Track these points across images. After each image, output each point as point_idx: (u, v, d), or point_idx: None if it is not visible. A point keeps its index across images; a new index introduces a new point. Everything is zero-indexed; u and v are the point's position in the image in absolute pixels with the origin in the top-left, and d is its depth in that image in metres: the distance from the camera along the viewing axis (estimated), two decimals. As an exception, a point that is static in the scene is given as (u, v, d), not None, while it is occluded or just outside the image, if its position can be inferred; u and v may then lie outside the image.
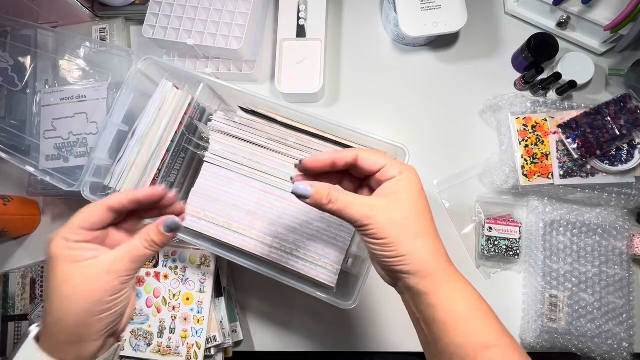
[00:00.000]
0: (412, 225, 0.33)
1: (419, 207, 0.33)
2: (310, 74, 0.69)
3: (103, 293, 0.31)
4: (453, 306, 0.32)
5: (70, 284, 0.31)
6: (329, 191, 0.34)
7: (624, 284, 0.61)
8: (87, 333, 0.31)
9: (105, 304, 0.31)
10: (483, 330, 0.32)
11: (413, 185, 0.34)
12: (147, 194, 0.35)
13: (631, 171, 0.60)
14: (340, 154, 0.35)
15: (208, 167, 0.54)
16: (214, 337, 0.59)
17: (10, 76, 0.69)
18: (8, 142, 0.70)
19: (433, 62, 0.73)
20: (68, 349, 0.31)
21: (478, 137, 0.69)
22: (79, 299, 0.31)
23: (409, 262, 0.32)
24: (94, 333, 0.32)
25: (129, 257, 0.33)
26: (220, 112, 0.55)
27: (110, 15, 0.74)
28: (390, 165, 0.34)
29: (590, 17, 0.64)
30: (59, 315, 0.31)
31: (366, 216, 0.33)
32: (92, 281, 0.31)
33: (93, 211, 0.34)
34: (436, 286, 0.32)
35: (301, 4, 0.72)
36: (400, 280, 0.34)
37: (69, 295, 0.31)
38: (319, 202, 0.34)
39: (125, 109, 0.55)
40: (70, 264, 0.31)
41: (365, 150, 0.35)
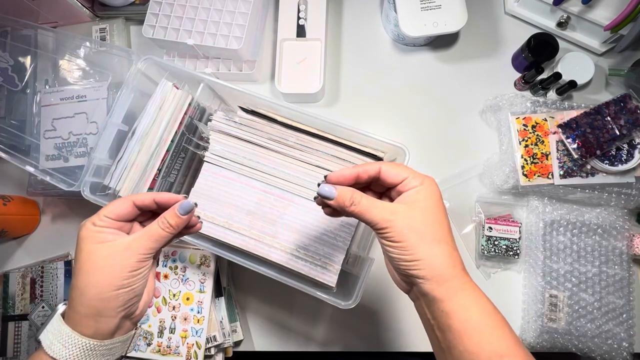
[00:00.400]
0: (430, 231, 0.34)
1: (437, 215, 0.35)
2: (310, 74, 0.69)
3: (121, 269, 0.35)
4: (467, 314, 0.33)
5: (93, 260, 0.34)
6: (352, 194, 0.36)
7: (624, 284, 0.61)
8: (105, 307, 0.34)
9: (122, 279, 0.35)
10: (497, 340, 0.32)
11: (433, 194, 0.35)
12: (167, 198, 0.38)
13: (631, 171, 0.60)
14: (364, 168, 0.37)
15: (208, 167, 0.54)
16: (214, 337, 0.59)
17: (10, 76, 0.69)
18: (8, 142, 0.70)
19: (433, 62, 0.73)
20: (87, 322, 0.34)
21: (478, 137, 0.69)
22: (100, 273, 0.34)
23: (424, 266, 0.33)
24: (111, 309, 0.35)
25: (147, 237, 0.36)
26: (220, 112, 0.55)
27: (110, 15, 0.74)
28: (412, 177, 0.36)
29: (590, 17, 0.64)
30: (81, 289, 0.34)
31: (386, 219, 0.34)
32: (112, 258, 0.35)
33: (120, 204, 0.37)
34: (451, 294, 0.33)
35: (301, 4, 0.72)
36: (415, 286, 0.35)
37: (91, 270, 0.34)
38: (342, 203, 0.36)
39: (125, 109, 0.55)
40: (95, 244, 0.35)
41: (388, 164, 0.37)
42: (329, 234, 0.52)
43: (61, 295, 0.64)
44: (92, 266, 0.34)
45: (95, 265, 0.34)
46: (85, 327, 0.34)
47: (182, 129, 0.56)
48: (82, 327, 0.34)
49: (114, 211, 0.37)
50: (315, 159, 0.53)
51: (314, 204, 0.52)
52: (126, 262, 0.35)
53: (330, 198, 0.36)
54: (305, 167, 0.53)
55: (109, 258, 0.35)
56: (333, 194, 0.36)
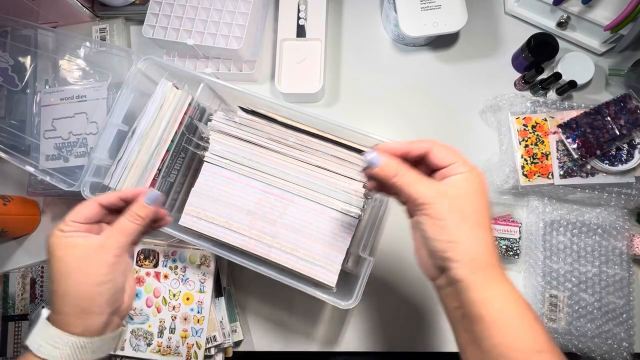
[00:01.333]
0: (473, 215, 0.33)
1: (482, 202, 0.33)
2: (310, 74, 0.69)
3: (99, 266, 0.35)
4: (503, 306, 0.31)
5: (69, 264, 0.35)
6: (398, 165, 0.34)
7: (624, 284, 0.61)
8: (91, 305, 0.34)
9: (102, 276, 0.35)
10: (534, 334, 0.31)
11: (479, 183, 0.34)
12: (133, 192, 0.39)
13: (631, 171, 0.60)
14: (416, 144, 0.36)
15: (208, 167, 0.54)
16: (214, 337, 0.59)
17: (10, 76, 0.69)
18: (8, 142, 0.70)
19: (433, 62, 0.73)
20: (75, 321, 0.34)
21: (478, 137, 0.69)
22: (78, 274, 0.34)
23: (462, 249, 0.32)
24: (97, 305, 0.35)
25: (118, 232, 0.37)
26: (220, 112, 0.55)
27: (110, 15, 0.74)
28: (461, 163, 0.35)
29: (590, 17, 0.64)
30: (62, 292, 0.34)
31: (430, 196, 0.33)
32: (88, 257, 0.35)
33: (86, 206, 0.38)
34: (486, 282, 0.32)
35: (301, 4, 0.72)
36: (448, 271, 0.33)
37: (68, 273, 0.35)
38: (387, 172, 0.34)
39: (125, 109, 0.55)
40: (66, 248, 0.35)
41: (440, 144, 0.36)
42: (329, 234, 0.52)
43: (61, 295, 0.64)
44: (69, 269, 0.35)
45: (71, 267, 0.35)
46: (73, 326, 0.34)
47: (182, 129, 0.56)
48: (70, 326, 0.34)
49: (80, 214, 0.37)
50: (315, 159, 0.53)
51: (314, 204, 0.52)
52: (101, 258, 0.35)
53: (375, 165, 0.35)
54: (305, 167, 0.53)
55: (84, 259, 0.35)
56: (378, 161, 0.34)
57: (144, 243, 0.62)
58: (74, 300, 0.34)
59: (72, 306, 0.34)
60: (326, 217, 0.52)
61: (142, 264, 0.62)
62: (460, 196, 0.33)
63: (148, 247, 0.62)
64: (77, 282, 0.34)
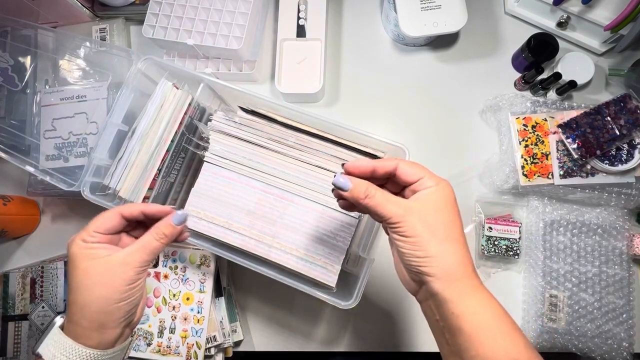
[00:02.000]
0: (443, 229, 0.34)
1: (451, 215, 0.35)
2: (310, 74, 0.69)
3: (120, 282, 0.35)
4: (479, 317, 0.32)
5: (92, 277, 0.35)
6: (367, 186, 0.35)
7: (624, 284, 0.61)
8: (108, 320, 0.35)
9: (122, 293, 0.35)
10: (510, 344, 0.32)
11: (447, 195, 0.35)
12: (157, 210, 0.39)
13: (631, 171, 0.60)
14: (382, 163, 0.37)
15: (208, 167, 0.54)
16: (214, 337, 0.59)
17: (10, 76, 0.69)
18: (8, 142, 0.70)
19: (433, 62, 0.73)
20: (91, 334, 0.35)
21: (478, 137, 0.69)
22: (100, 289, 0.35)
23: (435, 263, 0.33)
24: (114, 320, 0.35)
25: (142, 250, 0.37)
26: (220, 112, 0.55)
27: (110, 15, 0.74)
28: (428, 177, 0.35)
29: (590, 17, 0.64)
30: (82, 304, 0.34)
31: (400, 214, 0.34)
32: (110, 273, 0.35)
33: (108, 217, 0.38)
34: (462, 294, 0.33)
35: (301, 4, 0.72)
36: (425, 285, 0.34)
37: (91, 286, 0.35)
38: (356, 195, 0.35)
39: (125, 109, 0.55)
40: (89, 260, 0.35)
41: (405, 161, 0.37)
42: (329, 234, 0.52)
43: (61, 295, 0.64)
44: (91, 282, 0.35)
45: (93, 281, 0.35)
46: (88, 339, 0.35)
47: (182, 129, 0.56)
48: (86, 339, 0.35)
49: (103, 225, 0.37)
50: (315, 159, 0.53)
51: (314, 204, 0.52)
52: (125, 275, 0.35)
53: (345, 189, 0.35)
54: (305, 167, 0.53)
55: (107, 274, 0.35)
56: (348, 186, 0.35)
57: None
58: (94, 314, 0.35)
59: (91, 320, 0.35)
60: (326, 217, 0.52)
61: (142, 264, 0.62)
62: (429, 212, 0.34)
63: (148, 247, 0.62)
64: (98, 296, 0.35)
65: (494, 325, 0.32)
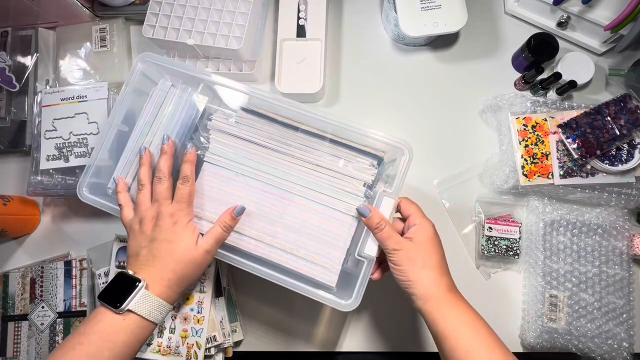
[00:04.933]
0: (421, 260, 0.45)
1: (428, 249, 0.46)
2: (310, 74, 0.69)
3: (205, 265, 0.48)
4: (446, 321, 0.43)
5: (196, 262, 0.47)
6: (381, 220, 0.46)
7: (624, 284, 0.61)
8: (183, 284, 0.47)
9: (200, 268, 0.48)
10: (468, 337, 0.42)
11: (427, 233, 0.46)
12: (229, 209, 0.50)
13: (631, 171, 0.60)
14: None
15: (208, 167, 0.54)
16: (214, 337, 0.59)
17: (8, 76, 0.69)
18: (8, 142, 0.70)
19: (433, 62, 0.73)
20: (173, 295, 0.47)
21: (478, 137, 0.69)
22: (195, 267, 0.47)
23: (414, 287, 0.44)
24: (186, 286, 0.48)
25: (214, 239, 0.48)
26: (220, 112, 0.55)
27: (110, 15, 0.74)
28: (415, 216, 0.47)
29: (590, 17, 0.64)
30: (180, 275, 0.46)
31: (396, 250, 0.45)
32: (201, 259, 0.47)
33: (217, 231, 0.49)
34: (435, 307, 0.44)
35: (301, 4, 0.72)
36: (411, 302, 0.46)
37: (190, 264, 0.47)
38: (371, 223, 0.46)
39: (125, 109, 0.55)
40: (195, 251, 0.47)
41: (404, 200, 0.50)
42: (329, 234, 0.52)
43: (61, 295, 0.64)
44: (194, 265, 0.47)
45: (192, 261, 0.47)
46: (172, 300, 0.47)
47: (182, 128, 0.56)
48: (171, 300, 0.47)
49: (216, 239, 0.48)
50: (315, 158, 0.53)
51: (314, 204, 0.52)
52: (207, 261, 0.48)
53: (365, 215, 0.47)
54: (305, 166, 0.53)
55: (200, 259, 0.47)
56: (367, 213, 0.47)
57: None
58: (185, 284, 0.47)
59: (180, 286, 0.47)
60: (326, 217, 0.52)
61: (142, 264, 0.62)
62: (412, 248, 0.45)
63: (148, 247, 0.62)
64: (193, 273, 0.47)
65: (459, 326, 0.43)
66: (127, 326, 0.43)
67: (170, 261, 0.46)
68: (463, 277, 0.65)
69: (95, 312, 0.44)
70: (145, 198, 0.49)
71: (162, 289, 0.45)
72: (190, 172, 0.50)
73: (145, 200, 0.49)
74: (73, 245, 0.69)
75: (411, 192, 0.66)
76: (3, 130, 0.70)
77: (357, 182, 0.52)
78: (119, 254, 0.62)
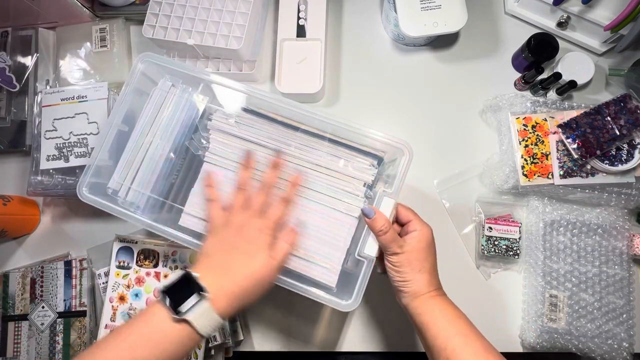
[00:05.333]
0: (417, 265, 0.47)
1: (424, 253, 0.48)
2: (310, 74, 0.69)
3: (270, 280, 0.46)
4: (430, 314, 0.47)
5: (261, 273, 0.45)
6: (385, 223, 0.47)
7: (624, 284, 0.61)
8: (244, 301, 0.45)
9: (265, 289, 0.46)
10: (448, 326, 0.46)
11: (424, 238, 0.48)
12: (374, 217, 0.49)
13: (631, 171, 0.60)
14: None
15: (208, 167, 0.54)
16: (214, 337, 0.59)
17: (10, 76, 0.69)
18: (8, 142, 0.70)
19: (433, 62, 0.73)
20: (228, 310, 0.43)
21: (478, 137, 0.69)
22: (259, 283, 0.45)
23: (410, 286, 0.47)
24: (245, 304, 0.45)
25: (283, 255, 0.47)
26: (220, 112, 0.55)
27: (110, 15, 0.74)
28: (414, 222, 0.49)
29: (590, 17, 0.64)
30: (242, 286, 0.44)
31: (397, 252, 0.47)
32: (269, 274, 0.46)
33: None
34: (421, 303, 0.47)
35: (301, 4, 0.72)
36: (399, 298, 0.49)
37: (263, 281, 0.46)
38: (375, 226, 0.47)
39: (125, 109, 0.55)
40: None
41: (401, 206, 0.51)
42: (329, 234, 0.52)
43: (61, 295, 0.64)
44: (259, 280, 0.45)
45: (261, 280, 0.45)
46: (227, 316, 0.44)
47: (182, 129, 0.56)
48: (226, 316, 0.44)
49: None
50: (315, 158, 0.53)
51: (314, 204, 0.52)
52: (274, 279, 0.48)
53: (369, 217, 0.47)
54: (305, 166, 0.53)
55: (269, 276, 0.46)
56: (372, 214, 0.47)
57: (144, 243, 0.62)
58: (247, 302, 0.45)
59: (242, 305, 0.45)
60: (326, 217, 0.52)
61: (142, 264, 0.62)
62: (412, 252, 0.47)
63: (148, 247, 0.62)
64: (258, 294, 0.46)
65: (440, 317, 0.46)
66: (179, 336, 0.41)
67: (240, 275, 0.44)
68: (463, 277, 0.65)
69: (155, 311, 0.42)
70: (239, 203, 0.49)
71: (223, 304, 0.43)
72: (292, 194, 0.50)
73: (239, 204, 0.49)
74: (73, 245, 0.69)
75: (411, 192, 0.66)
76: (3, 130, 0.70)
77: (357, 182, 0.52)
78: (119, 254, 0.62)
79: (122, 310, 0.61)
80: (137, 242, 0.62)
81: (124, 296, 0.61)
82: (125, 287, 0.61)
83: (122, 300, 0.61)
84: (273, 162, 0.51)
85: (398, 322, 0.64)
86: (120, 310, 0.61)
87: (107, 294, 0.61)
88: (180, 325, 0.41)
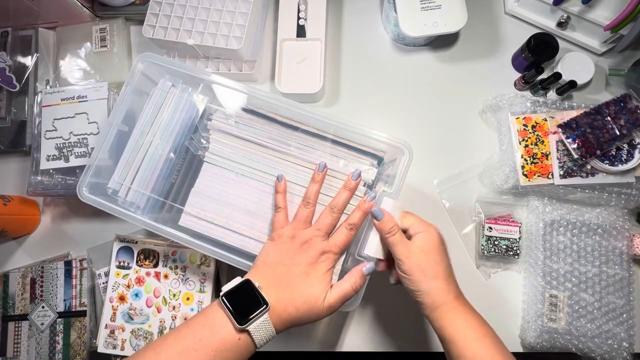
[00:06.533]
0: (430, 270, 0.44)
1: (437, 257, 0.45)
2: (310, 74, 0.69)
3: (320, 314, 0.45)
4: (453, 328, 0.43)
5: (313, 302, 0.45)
6: (394, 225, 0.46)
7: (624, 284, 0.61)
8: (295, 324, 0.45)
9: (315, 319, 0.45)
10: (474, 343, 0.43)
11: (434, 240, 0.46)
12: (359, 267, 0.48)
13: (631, 171, 0.60)
14: None
15: (208, 167, 0.54)
16: (214, 337, 0.59)
17: (10, 76, 0.69)
18: (8, 142, 0.70)
19: (433, 62, 0.73)
20: (281, 327, 0.44)
21: (478, 137, 0.69)
22: (312, 312, 0.45)
23: (425, 297, 0.44)
24: (294, 326, 0.45)
25: (341, 296, 0.46)
26: (220, 112, 0.55)
27: (110, 15, 0.74)
28: (417, 224, 0.46)
29: (590, 17, 0.64)
30: (298, 309, 0.44)
31: (405, 256, 0.45)
32: (321, 307, 0.45)
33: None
34: (442, 315, 0.44)
35: (301, 4, 0.72)
36: (420, 309, 0.46)
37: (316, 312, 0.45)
38: (384, 228, 0.46)
39: (125, 109, 0.55)
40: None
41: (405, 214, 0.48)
42: (329, 234, 0.52)
43: (61, 295, 0.64)
44: (312, 309, 0.45)
45: (313, 310, 0.45)
46: (278, 333, 0.44)
47: (182, 129, 0.56)
48: (277, 333, 0.44)
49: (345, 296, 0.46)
50: (315, 158, 0.53)
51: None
52: (326, 315, 0.46)
53: (378, 219, 0.46)
54: (305, 166, 0.53)
55: (321, 310, 0.45)
56: (381, 217, 0.46)
57: (144, 243, 0.62)
58: (296, 325, 0.45)
59: (292, 326, 0.45)
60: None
61: (142, 264, 0.62)
62: (422, 256, 0.45)
63: (148, 247, 0.62)
64: (309, 322, 0.45)
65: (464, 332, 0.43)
66: (239, 348, 0.41)
67: (299, 297, 0.44)
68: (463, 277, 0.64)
69: (216, 316, 0.42)
70: (306, 217, 0.48)
71: (279, 320, 0.43)
72: (360, 222, 0.48)
73: (305, 219, 0.48)
74: (73, 245, 0.69)
75: (411, 192, 0.66)
76: (3, 130, 0.70)
77: (357, 182, 0.52)
78: (119, 254, 0.62)
79: (122, 310, 0.61)
80: (137, 242, 0.62)
81: (124, 296, 0.61)
82: (125, 287, 0.61)
83: (122, 300, 0.61)
84: (347, 183, 0.49)
85: (398, 322, 0.64)
86: (120, 310, 0.61)
87: (107, 293, 0.62)
88: (241, 335, 0.41)
